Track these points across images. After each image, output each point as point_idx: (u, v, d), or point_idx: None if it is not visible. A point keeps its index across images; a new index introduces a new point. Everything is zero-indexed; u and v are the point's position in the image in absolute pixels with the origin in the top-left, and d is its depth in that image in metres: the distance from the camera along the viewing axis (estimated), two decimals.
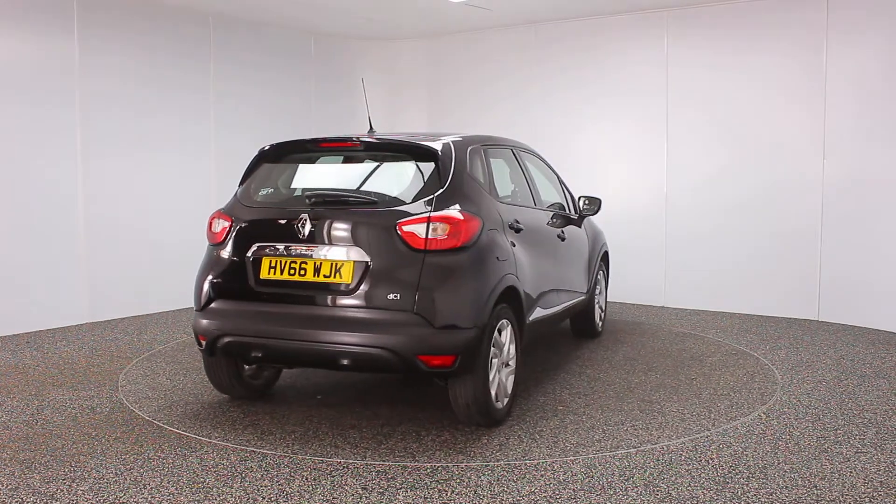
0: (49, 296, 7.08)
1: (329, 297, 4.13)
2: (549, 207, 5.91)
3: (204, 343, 4.39)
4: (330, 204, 4.31)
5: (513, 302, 4.54)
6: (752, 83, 7.63)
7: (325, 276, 4.12)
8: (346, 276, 4.08)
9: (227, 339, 4.30)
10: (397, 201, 4.25)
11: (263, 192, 4.61)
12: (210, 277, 4.43)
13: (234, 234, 4.41)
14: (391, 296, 4.00)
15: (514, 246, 4.64)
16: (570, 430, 4.36)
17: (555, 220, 5.69)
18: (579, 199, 6.30)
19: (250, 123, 8.51)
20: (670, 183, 8.17)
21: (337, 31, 9.38)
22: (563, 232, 5.73)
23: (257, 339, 4.23)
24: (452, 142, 4.58)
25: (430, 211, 4.12)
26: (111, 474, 3.74)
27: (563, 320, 6.02)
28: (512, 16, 8.57)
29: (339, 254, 4.12)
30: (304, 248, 4.18)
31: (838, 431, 4.35)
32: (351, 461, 3.92)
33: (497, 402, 4.36)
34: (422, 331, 3.96)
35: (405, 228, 4.06)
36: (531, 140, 6.83)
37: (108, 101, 7.41)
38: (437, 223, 4.07)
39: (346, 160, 4.74)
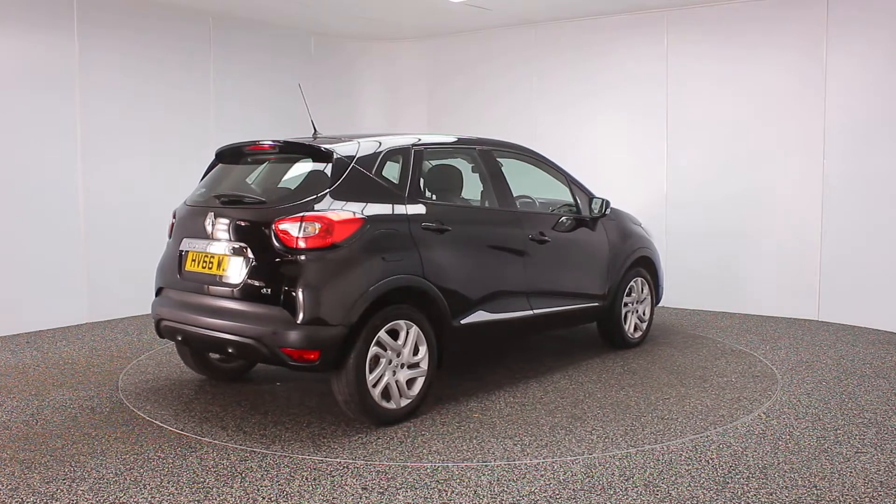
0: (49, 296, 7.08)
1: (224, 290, 4.46)
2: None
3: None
4: (230, 203, 4.67)
5: (423, 303, 4.60)
6: (752, 82, 7.63)
7: (223, 270, 4.48)
8: (236, 271, 4.40)
9: (164, 323, 4.82)
10: (284, 200, 4.46)
11: (199, 191, 4.98)
12: (161, 267, 5.00)
13: (175, 229, 4.94)
14: (264, 290, 4.26)
15: (429, 246, 4.65)
16: (449, 438, 4.25)
17: (530, 222, 5.49)
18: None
19: (250, 122, 8.50)
20: (670, 182, 8.17)
21: (337, 31, 9.38)
22: (542, 234, 5.50)
23: (178, 324, 4.69)
24: (363, 144, 4.70)
25: (307, 210, 4.27)
26: (111, 474, 3.75)
27: (553, 326, 5.89)
28: (512, 16, 8.57)
29: (232, 250, 4.45)
30: (210, 244, 4.58)
31: (838, 431, 4.35)
32: (351, 461, 3.93)
33: (388, 402, 4.43)
34: (286, 325, 4.16)
35: (280, 227, 4.25)
36: (530, 140, 6.83)
37: (108, 100, 7.42)
38: (310, 222, 4.22)
39: (266, 161, 4.98)
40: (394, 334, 4.45)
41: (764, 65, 7.56)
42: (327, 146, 4.60)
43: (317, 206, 4.30)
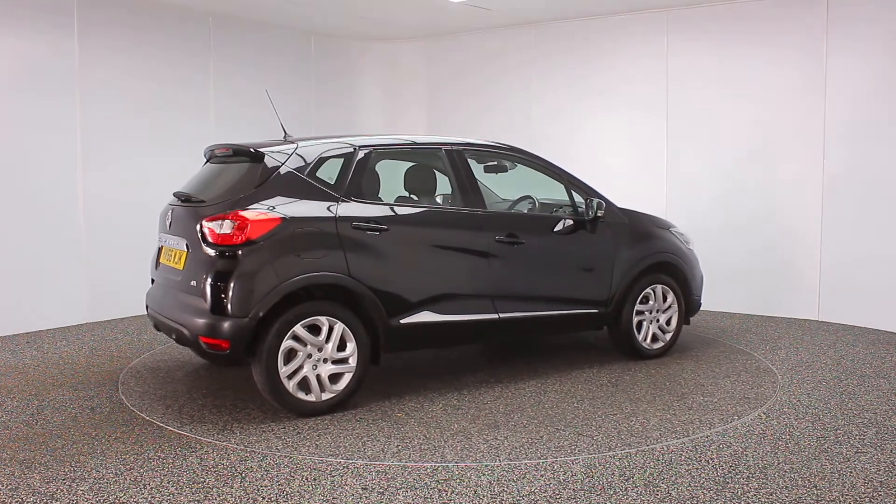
0: (49, 296, 7.08)
1: (175, 281, 4.85)
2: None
3: None
4: (182, 202, 5.05)
5: (351, 301, 4.72)
6: (752, 82, 7.63)
7: (175, 263, 4.88)
8: (181, 264, 4.79)
9: (149, 310, 5.28)
10: (216, 199, 4.76)
11: (177, 190, 5.32)
12: (152, 260, 5.43)
13: (159, 226, 5.35)
14: (192, 283, 4.61)
15: (359, 245, 4.72)
16: (343, 434, 4.28)
17: (498, 223, 5.33)
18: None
19: (250, 123, 8.48)
20: (670, 182, 8.17)
21: (337, 30, 9.38)
22: (514, 235, 5.31)
23: (153, 311, 5.16)
24: (303, 146, 4.89)
25: (230, 209, 4.56)
26: (111, 474, 3.75)
27: (532, 331, 5.81)
28: (512, 16, 8.57)
29: (179, 245, 4.85)
30: (169, 238, 5.03)
31: (838, 431, 4.35)
32: (351, 461, 3.93)
33: (307, 394, 4.60)
34: (203, 316, 4.48)
35: (206, 224, 4.57)
36: (530, 140, 6.81)
37: (108, 100, 7.41)
38: (228, 220, 4.50)
39: (225, 163, 5.25)
40: (316, 329, 4.59)
41: (764, 64, 7.56)
42: (262, 149, 4.83)
43: (238, 206, 4.56)
